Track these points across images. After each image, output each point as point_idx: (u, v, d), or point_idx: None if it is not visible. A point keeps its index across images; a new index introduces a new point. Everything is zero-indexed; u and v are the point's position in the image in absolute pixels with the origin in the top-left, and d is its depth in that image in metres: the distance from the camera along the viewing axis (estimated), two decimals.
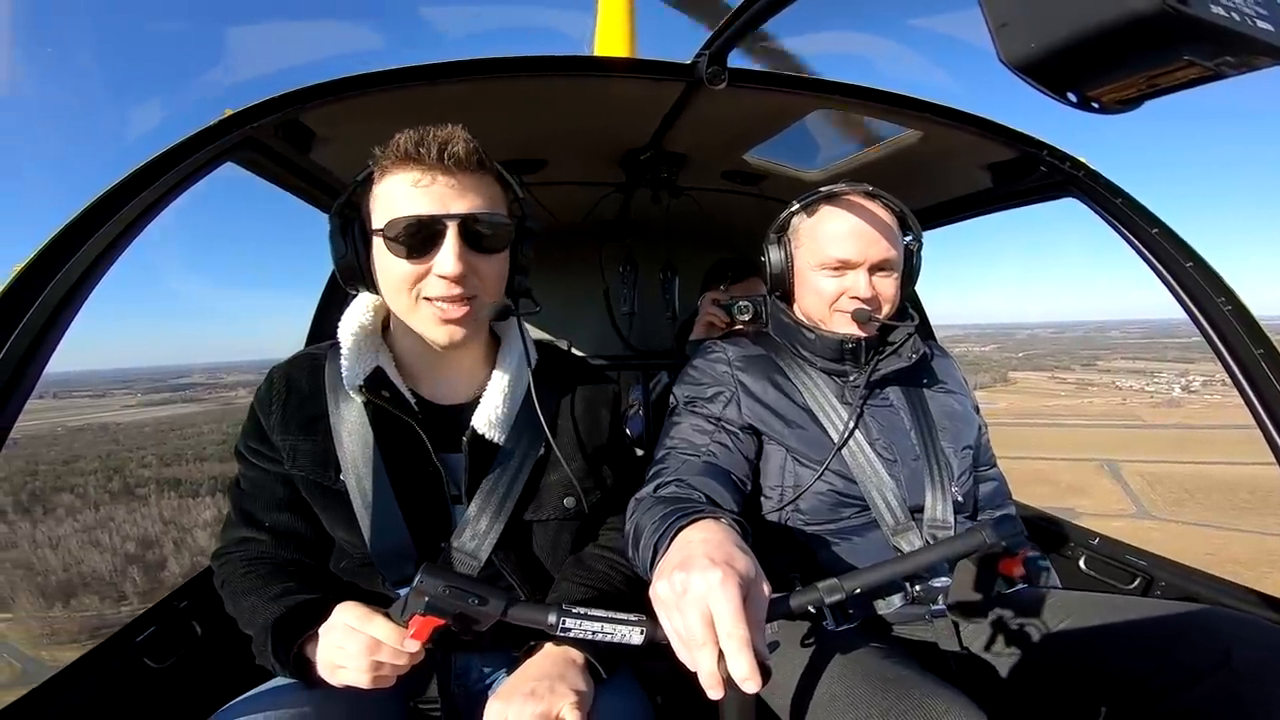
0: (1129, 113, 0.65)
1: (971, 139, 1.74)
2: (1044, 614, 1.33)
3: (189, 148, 1.29)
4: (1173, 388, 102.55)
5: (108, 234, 1.18)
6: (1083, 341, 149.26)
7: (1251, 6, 0.53)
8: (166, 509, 70.62)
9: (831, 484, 1.39)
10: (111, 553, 61.25)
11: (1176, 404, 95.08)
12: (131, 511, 70.33)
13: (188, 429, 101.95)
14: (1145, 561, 1.79)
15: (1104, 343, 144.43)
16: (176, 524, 65.91)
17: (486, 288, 1.16)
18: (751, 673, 0.71)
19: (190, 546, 58.89)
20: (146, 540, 62.96)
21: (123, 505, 72.45)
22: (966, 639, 1.36)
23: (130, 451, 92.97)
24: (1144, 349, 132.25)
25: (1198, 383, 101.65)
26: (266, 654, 1.09)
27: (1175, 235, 1.55)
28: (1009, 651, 1.32)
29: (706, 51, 1.43)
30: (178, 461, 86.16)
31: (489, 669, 1.27)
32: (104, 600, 52.32)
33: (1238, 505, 53.11)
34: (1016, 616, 1.35)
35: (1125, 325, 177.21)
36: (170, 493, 75.38)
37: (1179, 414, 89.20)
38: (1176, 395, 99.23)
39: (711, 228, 2.73)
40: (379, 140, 1.12)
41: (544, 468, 1.27)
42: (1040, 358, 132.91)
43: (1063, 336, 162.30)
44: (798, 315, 1.54)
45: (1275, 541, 42.39)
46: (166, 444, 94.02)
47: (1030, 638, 1.31)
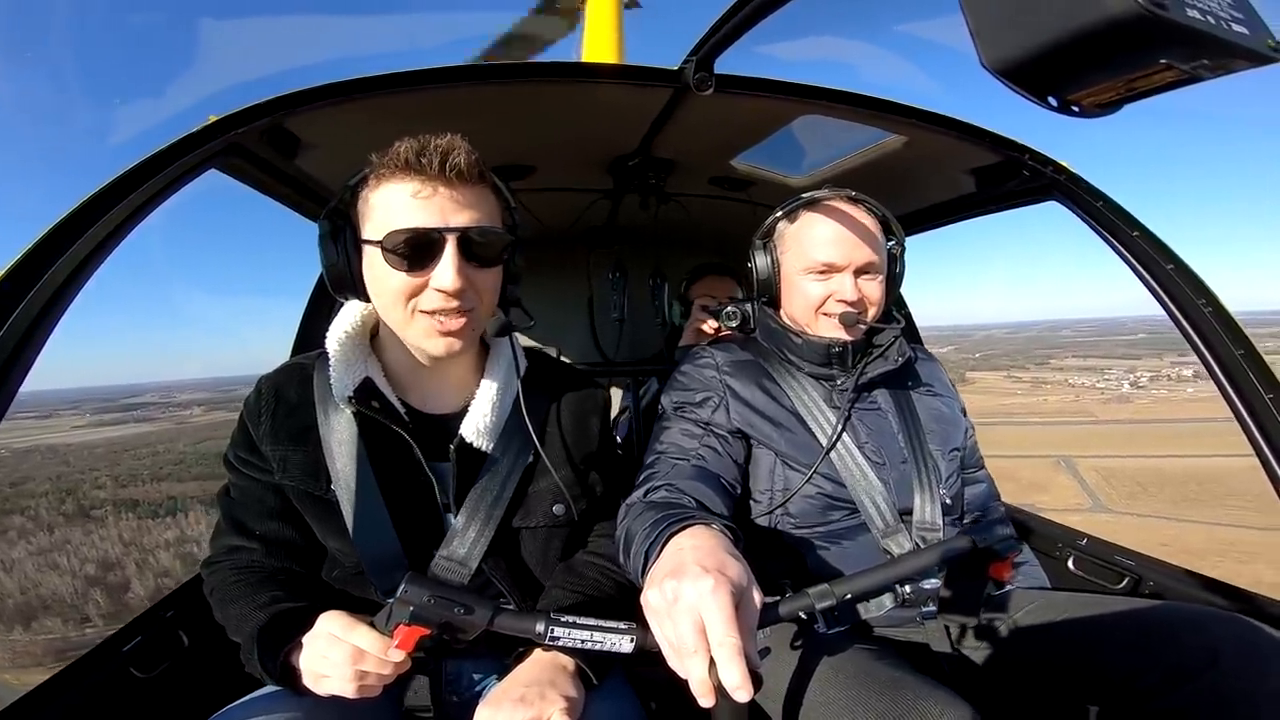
0: (1109, 116, 0.66)
1: (955, 143, 1.77)
2: (1034, 615, 1.34)
3: (173, 154, 1.28)
4: (1122, 384, 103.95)
5: (91, 240, 1.16)
6: (1036, 341, 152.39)
7: (1227, 10, 0.54)
8: (125, 530, 68.97)
9: (820, 487, 1.39)
10: (71, 575, 59.70)
11: (1126, 400, 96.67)
12: (88, 533, 68.62)
13: (141, 449, 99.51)
14: (1133, 561, 1.81)
15: (1056, 341, 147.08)
16: (138, 545, 64.49)
17: (483, 300, 1.15)
18: (743, 681, 0.71)
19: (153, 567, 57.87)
20: (107, 562, 61.42)
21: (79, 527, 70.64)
22: (958, 641, 1.37)
23: (82, 473, 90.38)
24: (1094, 347, 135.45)
25: (1145, 378, 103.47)
26: (254, 662, 1.08)
27: (1155, 238, 1.58)
28: (1000, 653, 1.33)
29: (694, 58, 1.44)
30: (134, 482, 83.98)
31: (480, 675, 1.26)
32: (67, 623, 51.16)
33: (1188, 497, 54.45)
34: (1007, 618, 1.36)
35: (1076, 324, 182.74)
36: (128, 514, 73.55)
37: (1129, 409, 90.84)
38: (1126, 391, 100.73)
39: (700, 234, 2.75)
40: (366, 146, 1.11)
41: (533, 475, 1.26)
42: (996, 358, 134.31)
43: (1017, 336, 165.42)
44: (784, 320, 1.54)
45: (1225, 531, 43.59)
46: (120, 465, 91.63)
47: (1021, 639, 1.32)
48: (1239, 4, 0.56)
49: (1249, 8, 0.56)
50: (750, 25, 1.26)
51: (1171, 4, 0.50)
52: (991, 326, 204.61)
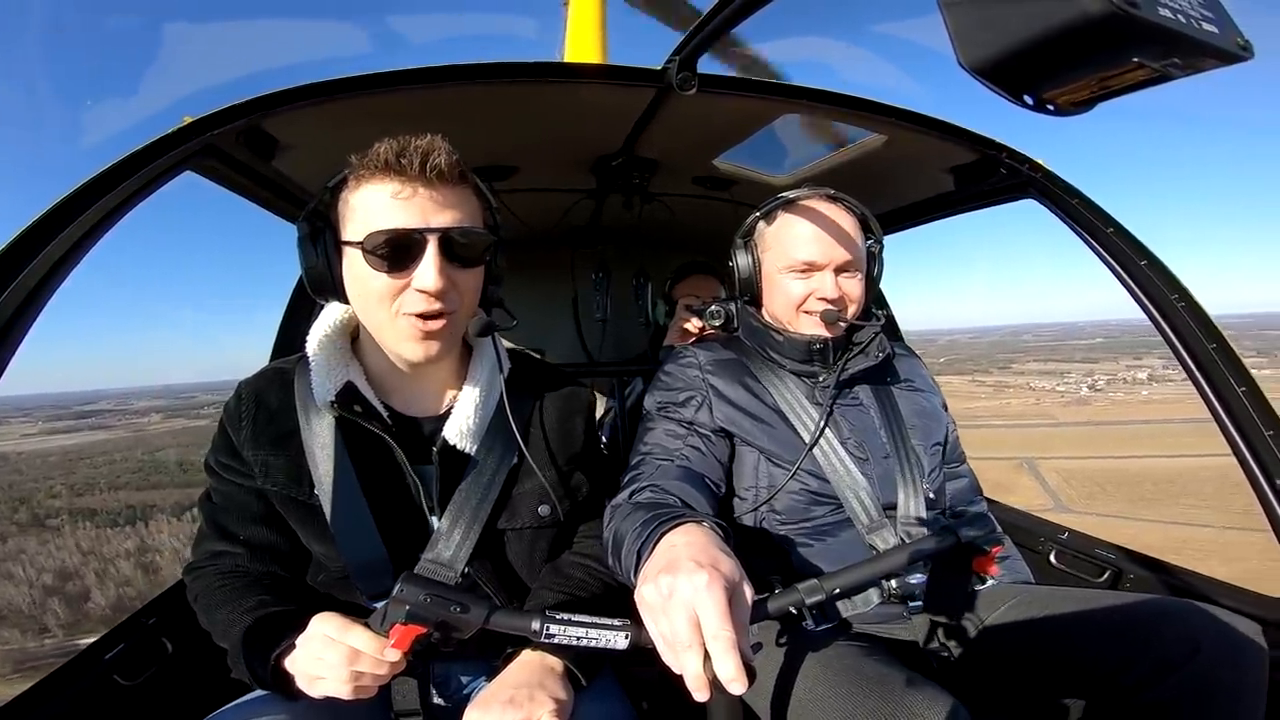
0: (1083, 114, 0.68)
1: (934, 142, 1.79)
2: (1018, 609, 1.36)
3: (147, 155, 1.26)
4: (1080, 387, 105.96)
5: (64, 242, 1.14)
6: (998, 346, 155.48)
7: (1197, 9, 0.55)
8: (84, 540, 67.65)
9: (805, 484, 1.40)
10: (28, 585, 58.64)
11: (1085, 402, 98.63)
12: (44, 543, 67.55)
13: (98, 457, 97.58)
14: (1113, 554, 1.83)
15: (1018, 346, 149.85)
16: (97, 554, 63.36)
17: (465, 301, 1.15)
18: (738, 674, 0.71)
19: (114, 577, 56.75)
20: (64, 572, 60.41)
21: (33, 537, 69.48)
22: (944, 635, 1.39)
23: (36, 481, 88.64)
24: (1054, 351, 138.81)
25: (1103, 381, 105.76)
26: (242, 666, 1.07)
27: (1130, 235, 1.61)
28: (986, 647, 1.35)
29: (677, 57, 1.44)
30: (90, 491, 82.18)
31: (469, 677, 1.25)
32: (25, 633, 50.45)
33: (1145, 496, 55.89)
34: (992, 612, 1.37)
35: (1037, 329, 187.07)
36: (85, 523, 72.29)
37: (1088, 412, 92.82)
38: (1085, 394, 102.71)
39: (683, 233, 2.76)
40: (345, 148, 1.10)
41: (518, 477, 1.26)
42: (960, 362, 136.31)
43: (980, 341, 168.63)
44: (766, 319, 1.56)
45: (1180, 530, 44.84)
46: (76, 473, 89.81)
47: (1006, 633, 1.33)
48: (1209, 3, 0.57)
49: (1219, 7, 0.58)
50: (733, 25, 1.26)
51: (1144, 3, 0.51)
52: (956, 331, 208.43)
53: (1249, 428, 1.40)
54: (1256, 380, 1.43)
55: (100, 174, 1.19)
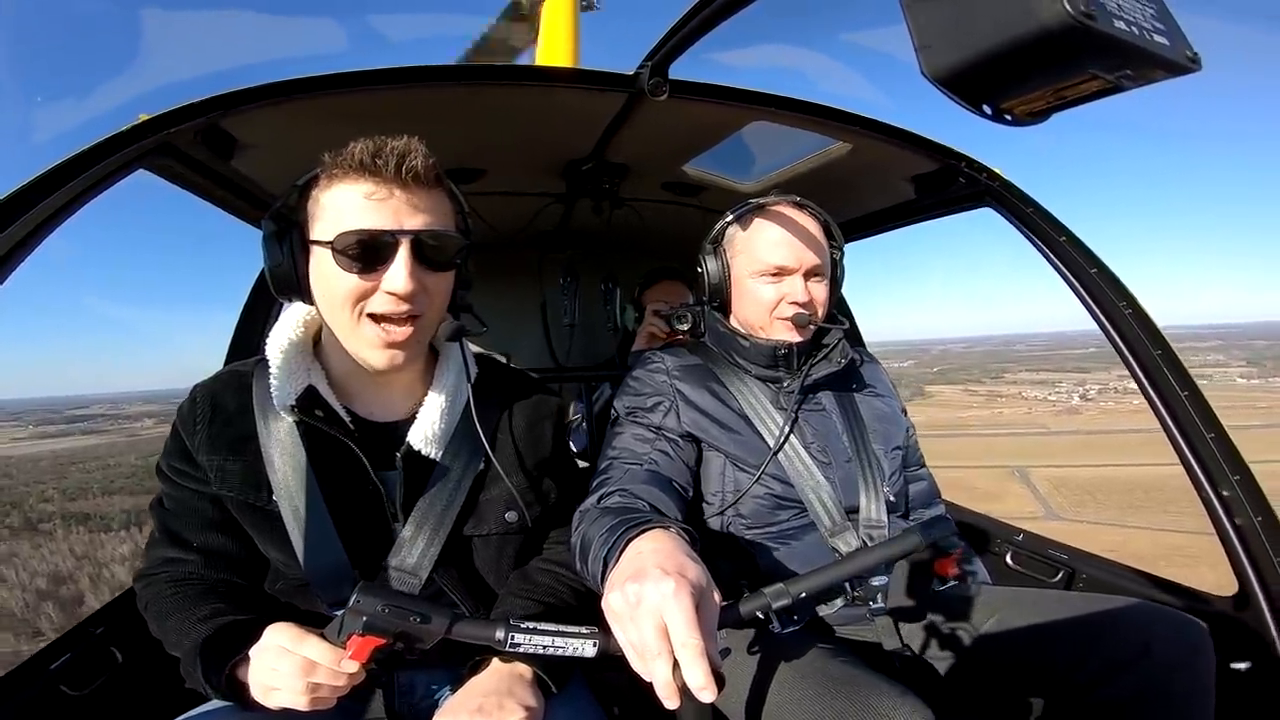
0: (1038, 124, 0.69)
1: (896, 151, 1.82)
2: (977, 610, 1.38)
3: (99, 153, 1.23)
4: (1072, 396, 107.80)
5: (8, 240, 1.10)
6: (991, 355, 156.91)
7: (1149, 21, 0.57)
8: (77, 544, 66.11)
9: (769, 488, 1.42)
10: (21, 589, 57.25)
11: (1076, 411, 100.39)
12: (37, 547, 65.74)
13: (90, 462, 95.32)
14: (1066, 555, 1.87)
15: (1010, 356, 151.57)
16: (91, 559, 61.97)
17: (434, 305, 1.13)
18: (707, 681, 0.71)
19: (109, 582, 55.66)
20: (58, 576, 58.93)
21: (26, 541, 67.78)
22: (906, 636, 1.40)
23: (27, 486, 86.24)
24: (1045, 360, 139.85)
25: (1094, 391, 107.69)
26: (196, 676, 1.03)
27: (1081, 243, 1.65)
28: (948, 647, 1.37)
29: (649, 63, 1.44)
30: (83, 495, 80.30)
31: (435, 686, 1.22)
32: (19, 636, 49.04)
33: (1134, 504, 57.06)
34: (952, 613, 1.39)
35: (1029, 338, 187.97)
36: (79, 528, 70.57)
37: (1079, 420, 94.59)
38: (1076, 403, 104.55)
39: (652, 239, 2.76)
40: (307, 148, 1.08)
41: (484, 482, 1.24)
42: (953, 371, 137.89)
43: (973, 350, 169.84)
44: (733, 324, 1.57)
45: (1169, 536, 45.74)
46: (68, 478, 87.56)
47: (966, 633, 1.36)
48: (1161, 15, 0.59)
49: (1170, 19, 0.59)
50: (705, 31, 1.27)
51: (1100, 15, 0.52)
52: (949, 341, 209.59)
53: (1191, 431, 1.45)
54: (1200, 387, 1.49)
55: (49, 171, 1.16)
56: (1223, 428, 1.45)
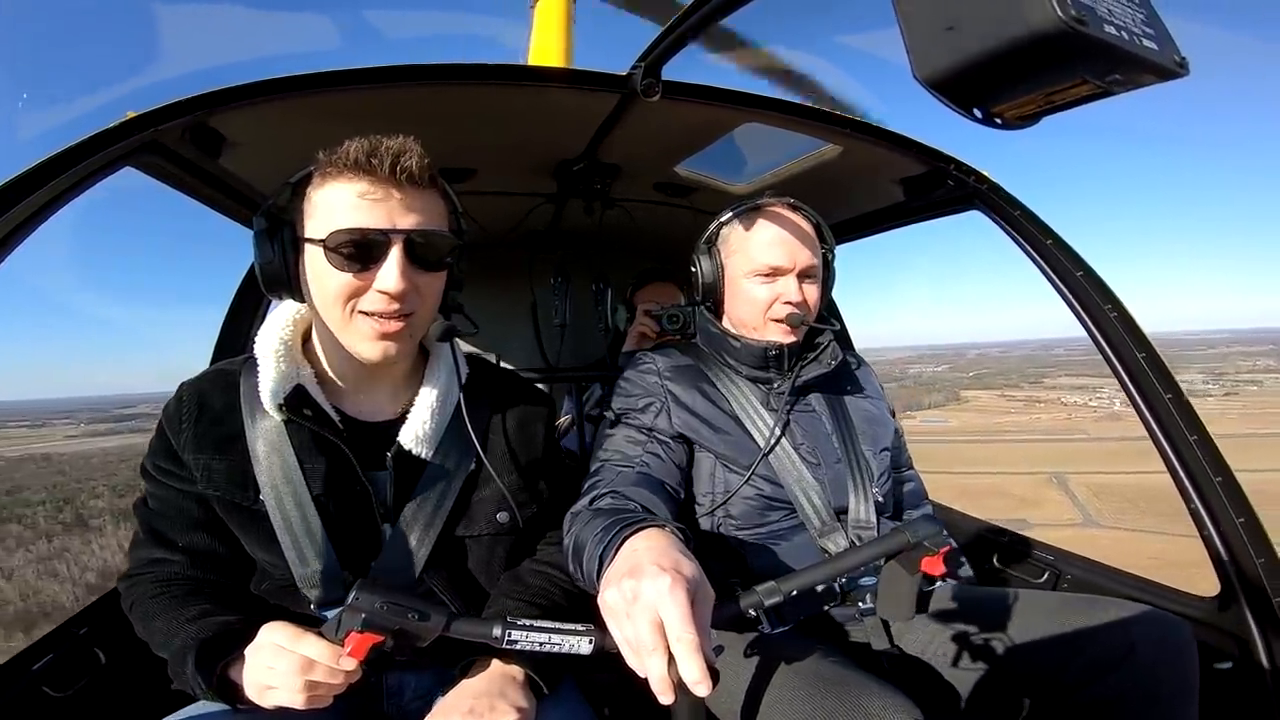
0: (1028, 128, 0.69)
1: (886, 153, 1.82)
2: (964, 609, 1.39)
3: (86, 149, 1.22)
4: (1113, 402, 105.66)
5: None
6: (1029, 360, 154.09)
7: (1140, 26, 0.57)
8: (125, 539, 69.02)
9: (759, 489, 1.42)
10: (71, 583, 58.56)
11: (1117, 417, 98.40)
12: (87, 542, 67.44)
13: (137, 460, 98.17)
14: (1052, 556, 1.88)
15: (1049, 360, 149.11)
16: None
17: (425, 304, 1.13)
18: (702, 676, 0.72)
19: None
20: (107, 571, 59.78)
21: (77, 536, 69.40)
22: (895, 636, 1.41)
23: (79, 482, 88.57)
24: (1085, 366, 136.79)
25: None
26: (185, 677, 1.02)
27: (1068, 246, 1.66)
28: (936, 647, 1.37)
29: (642, 63, 1.44)
30: (131, 492, 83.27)
31: (424, 687, 1.22)
32: None
33: (1176, 511, 54.83)
34: (940, 612, 1.40)
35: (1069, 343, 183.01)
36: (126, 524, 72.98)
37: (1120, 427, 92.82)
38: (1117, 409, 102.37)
39: (643, 239, 2.76)
40: (296, 146, 1.08)
41: (475, 483, 1.24)
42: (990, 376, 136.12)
43: (1010, 355, 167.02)
44: (724, 325, 1.57)
45: None
46: (118, 475, 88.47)
47: (953, 632, 1.36)
48: (1150, 20, 0.59)
49: (1160, 24, 0.60)
50: (698, 32, 1.27)
51: (1091, 20, 0.53)
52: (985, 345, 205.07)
53: (1175, 434, 1.46)
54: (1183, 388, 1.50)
55: (34, 167, 1.15)
56: (1206, 431, 1.46)
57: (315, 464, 1.15)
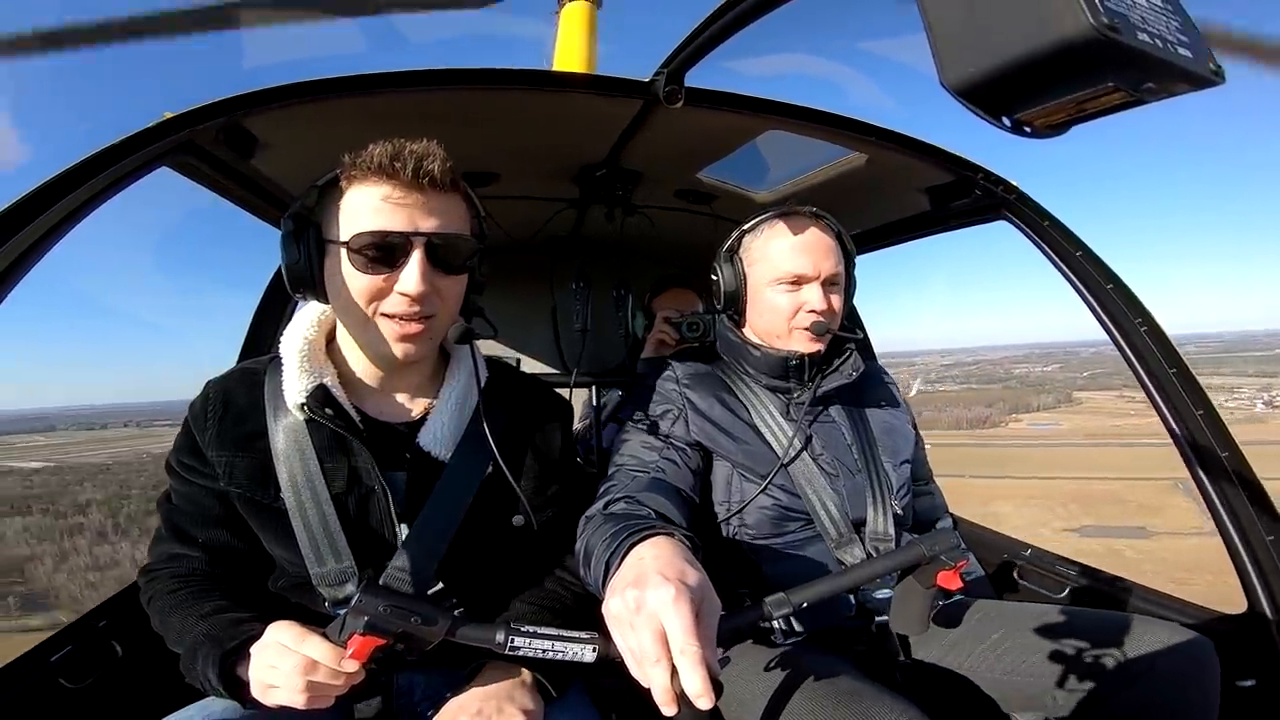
0: (1058, 137, 0.68)
1: (912, 162, 1.81)
2: (982, 623, 1.37)
3: (123, 150, 1.24)
4: (1255, 403, 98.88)
5: (29, 235, 1.12)
6: None
7: (1174, 34, 0.56)
8: None
9: (776, 498, 1.41)
10: None
11: (1260, 420, 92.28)
12: None
13: None
14: (1074, 571, 1.85)
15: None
16: None
17: (446, 307, 1.14)
18: (705, 688, 0.71)
19: None
20: None
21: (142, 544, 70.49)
22: (910, 650, 1.40)
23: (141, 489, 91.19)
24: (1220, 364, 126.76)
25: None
26: (195, 672, 1.04)
27: (1097, 258, 1.64)
28: (951, 661, 1.36)
29: (665, 70, 1.45)
30: None
31: (433, 688, 1.22)
32: None
33: None
34: (956, 626, 1.38)
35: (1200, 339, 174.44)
36: None
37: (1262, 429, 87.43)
38: (1259, 411, 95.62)
39: (664, 246, 2.76)
40: (326, 148, 1.10)
41: (492, 486, 1.24)
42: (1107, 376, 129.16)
43: None
44: (745, 333, 1.57)
45: None
46: None
47: (969, 647, 1.34)
48: (1185, 28, 0.58)
49: (1194, 31, 0.59)
50: (722, 40, 1.28)
51: (1124, 27, 0.52)
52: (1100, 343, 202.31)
53: (1205, 448, 1.44)
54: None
55: (73, 167, 1.17)
56: (1237, 446, 1.44)
57: (335, 463, 1.16)
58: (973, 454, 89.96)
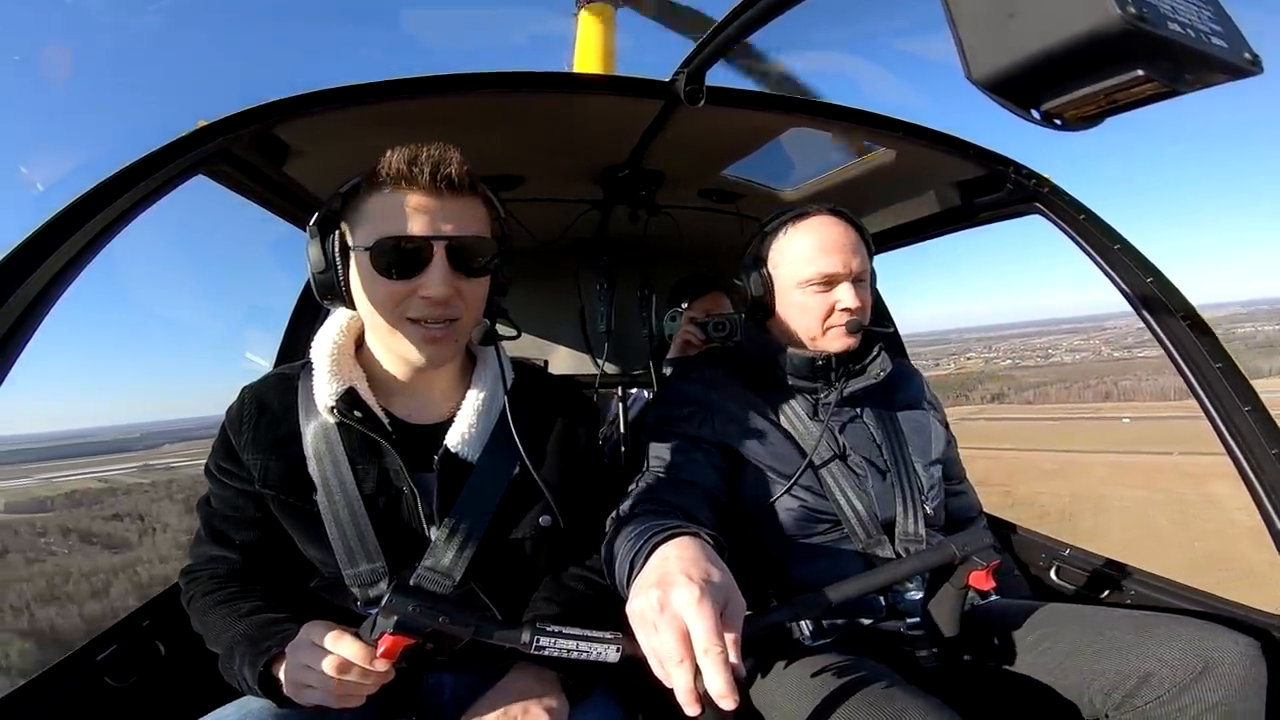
0: (1090, 129, 0.67)
1: (942, 157, 1.79)
2: (1018, 625, 1.34)
3: (161, 159, 1.26)
4: None
5: (74, 245, 1.14)
6: None
7: (1207, 24, 0.55)
8: None
9: (802, 500, 1.40)
10: None
11: None
12: None
13: None
14: (1115, 570, 1.80)
15: None
16: None
17: (470, 310, 1.16)
18: (728, 689, 0.71)
19: None
20: None
21: None
22: (942, 651, 1.36)
23: None
24: None
25: None
26: (233, 672, 1.07)
27: (1136, 251, 1.60)
28: (984, 663, 1.34)
29: (685, 70, 1.44)
30: None
31: (462, 688, 1.24)
32: None
33: None
34: (989, 628, 1.36)
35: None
36: None
37: None
38: None
39: (689, 246, 2.76)
40: (354, 154, 1.12)
41: (520, 486, 1.25)
42: None
43: None
44: (772, 333, 1.56)
45: None
46: None
47: (1004, 649, 1.32)
48: (1218, 17, 0.57)
49: (1228, 20, 0.57)
50: (741, 38, 1.27)
51: (1153, 17, 0.51)
52: None
53: (1254, 445, 1.39)
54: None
55: (114, 176, 1.20)
56: None
57: (366, 465, 1.18)
58: (1179, 428, 78.27)
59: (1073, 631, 1.26)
